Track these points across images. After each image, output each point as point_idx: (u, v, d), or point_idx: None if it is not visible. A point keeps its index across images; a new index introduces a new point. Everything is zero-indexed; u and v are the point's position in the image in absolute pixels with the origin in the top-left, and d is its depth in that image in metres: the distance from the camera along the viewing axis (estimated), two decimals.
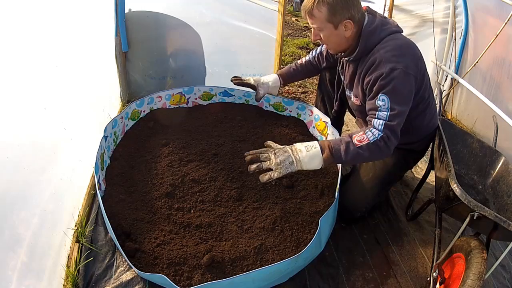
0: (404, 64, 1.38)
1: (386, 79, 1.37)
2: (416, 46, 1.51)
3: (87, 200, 1.65)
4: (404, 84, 1.38)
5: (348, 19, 1.42)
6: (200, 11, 2.51)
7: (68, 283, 1.28)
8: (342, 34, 1.47)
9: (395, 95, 1.37)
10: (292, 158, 1.31)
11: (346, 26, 1.44)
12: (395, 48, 1.42)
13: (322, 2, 1.40)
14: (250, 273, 1.22)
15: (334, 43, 1.52)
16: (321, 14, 1.41)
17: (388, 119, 1.37)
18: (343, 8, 1.40)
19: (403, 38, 1.49)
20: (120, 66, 2.40)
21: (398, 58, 1.39)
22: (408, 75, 1.39)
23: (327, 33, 1.47)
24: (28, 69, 1.40)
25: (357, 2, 1.44)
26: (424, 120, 1.61)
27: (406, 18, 2.84)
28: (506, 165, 1.50)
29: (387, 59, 1.40)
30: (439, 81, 2.80)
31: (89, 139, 1.81)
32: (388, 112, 1.37)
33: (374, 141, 1.35)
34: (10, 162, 1.18)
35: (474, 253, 1.21)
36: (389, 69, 1.37)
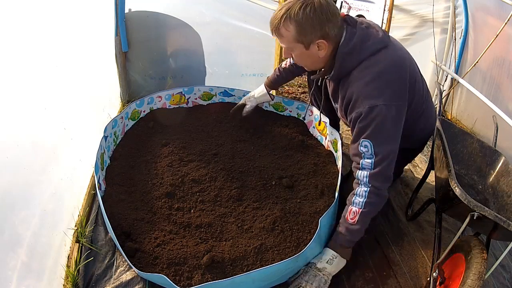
0: (385, 96, 1.22)
1: (366, 120, 1.23)
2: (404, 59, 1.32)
3: (87, 200, 1.65)
4: (387, 121, 1.23)
5: (320, 38, 1.23)
6: (200, 11, 2.50)
7: (68, 283, 1.28)
8: (316, 54, 1.29)
9: (378, 137, 1.24)
10: (324, 278, 1.32)
11: (319, 46, 1.26)
12: (373, 78, 1.24)
13: (289, 20, 1.21)
14: (250, 273, 1.22)
15: (307, 62, 1.37)
16: (289, 33, 1.24)
17: (373, 167, 1.25)
18: (313, 26, 1.21)
19: (384, 60, 1.27)
20: (120, 66, 2.40)
21: (377, 91, 1.23)
22: (391, 108, 1.23)
23: (298, 53, 1.31)
24: (28, 69, 1.40)
25: (332, 16, 1.22)
26: (420, 124, 1.54)
27: (406, 18, 2.83)
28: (506, 165, 1.50)
29: (364, 94, 1.24)
30: (439, 81, 2.80)
31: (89, 139, 1.81)
32: (372, 159, 1.25)
33: (364, 204, 1.27)
34: (10, 162, 1.18)
35: (474, 253, 1.21)
36: (368, 108, 1.22)
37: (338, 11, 1.26)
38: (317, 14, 1.19)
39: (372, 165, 1.25)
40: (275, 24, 1.25)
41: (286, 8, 1.22)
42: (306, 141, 2.05)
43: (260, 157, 1.91)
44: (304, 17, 1.19)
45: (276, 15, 1.24)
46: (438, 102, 1.80)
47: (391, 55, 1.29)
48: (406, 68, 1.31)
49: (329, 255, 1.35)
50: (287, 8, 1.21)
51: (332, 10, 1.22)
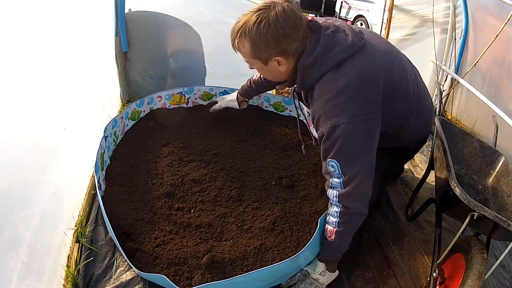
0: (348, 114, 1.12)
1: (329, 141, 1.16)
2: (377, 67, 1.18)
3: (87, 200, 1.65)
4: (353, 139, 1.15)
5: (278, 55, 1.15)
6: (200, 11, 2.50)
7: (68, 283, 1.28)
8: (276, 69, 1.21)
9: (344, 157, 1.16)
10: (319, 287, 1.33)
11: (278, 62, 1.18)
12: (335, 94, 1.14)
13: (244, 36, 1.14)
14: (250, 274, 1.22)
15: (269, 76, 1.31)
16: (245, 50, 1.18)
17: (343, 187, 1.19)
18: (268, 44, 1.12)
19: (349, 71, 1.15)
20: (120, 66, 2.40)
21: (339, 109, 1.13)
22: (356, 125, 1.13)
23: (258, 67, 1.25)
24: (28, 69, 1.40)
25: (291, 29, 1.11)
26: (409, 126, 1.42)
27: (406, 18, 2.84)
28: (506, 165, 1.49)
29: (326, 113, 1.16)
30: (439, 81, 2.80)
31: (89, 139, 1.81)
32: (341, 179, 1.18)
33: (337, 223, 1.24)
34: (10, 162, 1.18)
35: (474, 253, 1.21)
36: (330, 128, 1.14)
37: (300, 21, 1.13)
38: (271, 31, 1.10)
39: (341, 184, 1.19)
40: (232, 38, 1.19)
41: (242, 22, 1.14)
42: (306, 141, 2.05)
43: (260, 157, 1.91)
44: (257, 34, 1.11)
45: (234, 29, 1.17)
46: (438, 102, 1.80)
47: (359, 64, 1.16)
48: (378, 77, 1.18)
49: (321, 267, 1.35)
50: (243, 22, 1.14)
51: (291, 24, 1.11)
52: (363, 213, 1.24)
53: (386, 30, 2.78)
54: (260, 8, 1.13)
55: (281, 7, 1.11)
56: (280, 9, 1.11)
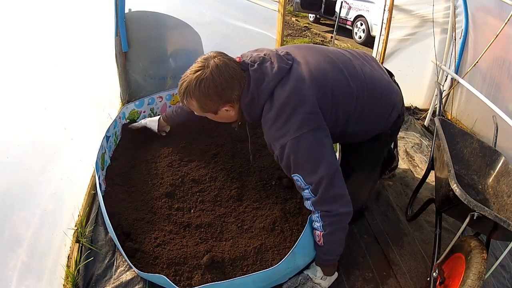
0: (290, 131, 1.20)
1: (284, 160, 1.23)
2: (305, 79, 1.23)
3: (87, 200, 1.65)
4: (303, 151, 1.21)
5: (223, 104, 1.25)
6: (200, 11, 2.51)
7: (68, 283, 1.28)
8: (226, 115, 1.31)
9: (301, 169, 1.22)
10: None
11: (227, 109, 1.27)
12: (274, 120, 1.22)
13: (189, 96, 1.23)
14: (249, 276, 1.22)
15: (223, 121, 1.38)
16: (194, 107, 1.27)
17: (313, 195, 1.24)
18: (212, 99, 1.22)
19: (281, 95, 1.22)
20: (120, 66, 2.40)
21: (281, 131, 1.21)
22: (302, 138, 1.19)
23: (211, 117, 1.34)
24: (29, 69, 1.40)
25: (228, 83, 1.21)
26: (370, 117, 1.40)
27: (406, 18, 2.84)
28: (506, 165, 1.49)
29: (272, 138, 1.25)
30: (439, 81, 2.80)
31: (89, 139, 1.81)
32: (308, 189, 1.24)
33: (322, 227, 1.26)
34: (11, 162, 1.18)
35: (474, 253, 1.21)
36: (280, 149, 1.22)
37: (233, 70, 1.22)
38: (212, 88, 1.20)
39: (310, 194, 1.24)
40: (180, 99, 1.28)
41: (185, 85, 1.23)
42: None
43: (260, 157, 1.91)
44: (200, 93, 1.21)
45: (179, 91, 1.26)
46: (438, 102, 1.80)
47: (288, 87, 1.23)
48: (308, 91, 1.23)
49: (321, 272, 1.36)
50: (186, 84, 1.22)
51: (226, 76, 1.21)
52: (344, 212, 1.26)
53: (386, 30, 2.78)
54: (197, 69, 1.22)
55: (214, 64, 1.21)
56: (214, 66, 1.20)
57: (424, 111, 2.98)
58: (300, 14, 9.11)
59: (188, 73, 1.25)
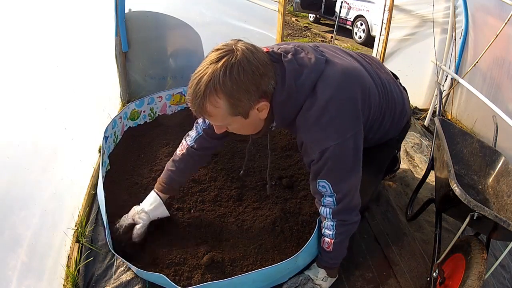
0: (333, 135, 1.06)
1: (319, 163, 1.11)
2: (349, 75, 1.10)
3: (87, 200, 1.65)
4: (342, 158, 1.11)
5: (260, 99, 0.99)
6: (200, 11, 2.51)
7: (68, 283, 1.28)
8: (256, 118, 1.05)
9: (334, 176, 1.13)
10: None
11: (259, 108, 1.02)
12: (316, 120, 1.06)
13: (215, 93, 0.93)
14: (250, 274, 1.22)
15: (249, 131, 1.14)
16: (220, 110, 0.97)
17: (336, 204, 1.17)
18: (248, 92, 0.95)
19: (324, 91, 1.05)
20: (120, 66, 2.40)
21: (323, 133, 1.07)
22: (343, 143, 1.08)
23: (237, 126, 1.08)
24: (29, 69, 1.40)
25: (265, 68, 0.97)
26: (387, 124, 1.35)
27: (406, 18, 2.84)
28: (506, 165, 1.49)
29: (312, 140, 1.09)
30: (439, 81, 2.80)
31: (89, 139, 1.81)
32: (333, 197, 1.16)
33: (334, 235, 1.23)
34: (11, 162, 1.18)
35: (474, 253, 1.21)
36: (319, 153, 1.09)
37: (265, 55, 1.00)
38: (248, 74, 0.93)
39: (334, 202, 1.17)
40: (198, 103, 0.95)
41: (207, 78, 0.92)
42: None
43: (260, 157, 1.91)
44: (233, 83, 0.92)
45: (196, 90, 0.94)
46: (438, 102, 1.80)
47: (332, 81, 1.06)
48: (354, 87, 1.10)
49: (323, 273, 1.34)
50: (209, 77, 0.92)
51: (261, 60, 0.97)
52: (356, 221, 1.24)
53: (386, 30, 2.78)
54: (220, 56, 0.94)
55: (243, 46, 0.96)
56: (243, 48, 0.95)
57: (424, 111, 2.99)
58: (300, 14, 9.11)
59: (206, 64, 0.94)
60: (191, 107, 0.98)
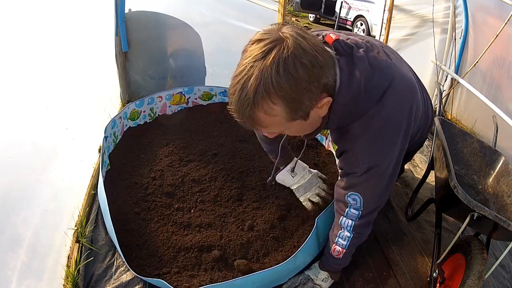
0: (386, 154, 1.00)
1: (361, 178, 1.05)
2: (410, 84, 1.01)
3: (87, 200, 1.65)
4: (385, 178, 1.06)
5: (321, 95, 0.85)
6: (200, 11, 2.51)
7: (68, 283, 1.28)
8: (316, 117, 0.92)
9: (371, 193, 1.09)
10: None
11: (320, 106, 0.87)
12: (378, 137, 0.97)
13: (269, 98, 0.77)
14: (249, 276, 1.22)
15: (306, 131, 1.01)
16: (277, 118, 0.82)
17: (359, 218, 1.15)
18: (309, 89, 0.79)
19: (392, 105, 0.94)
20: (120, 66, 2.40)
21: (381, 154, 1.00)
22: (391, 162, 1.03)
23: (295, 130, 0.94)
24: (30, 69, 1.40)
25: (323, 57, 0.81)
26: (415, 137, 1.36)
27: (406, 18, 2.84)
28: (506, 165, 1.49)
29: (365, 154, 1.00)
30: (439, 81, 2.80)
31: (90, 139, 1.81)
32: (359, 211, 1.13)
33: (348, 246, 1.23)
34: (13, 162, 1.18)
35: (474, 253, 1.21)
36: (366, 168, 1.02)
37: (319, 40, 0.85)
38: (307, 66, 0.77)
39: (358, 216, 1.15)
40: (248, 114, 0.80)
41: (255, 81, 0.75)
42: (306, 141, 2.05)
43: (260, 157, 1.90)
44: (290, 82, 0.76)
45: (242, 98, 0.77)
46: (438, 102, 1.80)
47: (398, 93, 0.95)
48: (413, 99, 1.01)
49: (324, 274, 1.35)
50: (257, 79, 0.75)
51: (315, 43, 0.81)
52: (368, 233, 1.25)
53: (386, 30, 2.78)
54: (267, 48, 0.75)
55: (291, 31, 0.79)
56: (294, 34, 0.78)
57: None
58: (300, 14, 9.11)
59: (249, 62, 0.76)
60: (238, 118, 0.82)
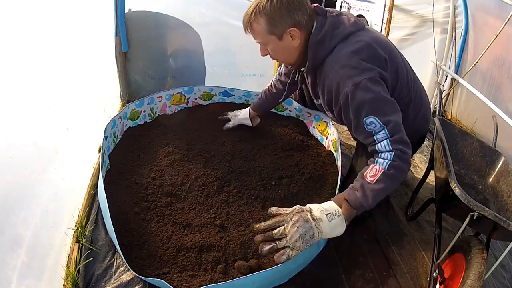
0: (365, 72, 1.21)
1: (356, 99, 1.21)
2: (380, 41, 1.31)
3: (87, 200, 1.65)
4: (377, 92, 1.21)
5: (292, 26, 1.26)
6: (200, 11, 2.51)
7: (68, 283, 1.28)
8: (290, 45, 1.31)
9: (377, 109, 1.20)
10: (313, 230, 1.14)
11: (292, 35, 1.28)
12: (348, 58, 1.23)
13: (259, 13, 1.26)
14: (250, 276, 1.22)
15: (283, 55, 1.37)
16: (260, 27, 1.28)
17: (390, 135, 1.20)
18: (283, 16, 1.24)
19: (357, 41, 1.26)
20: (120, 66, 2.40)
21: (356, 69, 1.21)
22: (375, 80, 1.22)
23: (273, 47, 1.33)
24: (31, 69, 1.41)
25: (301, 5, 1.25)
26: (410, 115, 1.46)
27: (406, 18, 2.84)
28: (506, 165, 1.50)
29: (344, 76, 1.23)
30: (439, 81, 2.80)
31: (90, 139, 1.81)
32: (385, 129, 1.20)
33: (388, 165, 1.17)
34: (13, 162, 1.18)
35: (474, 253, 1.21)
36: (352, 87, 1.20)
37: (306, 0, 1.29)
38: (284, 4, 1.24)
39: (387, 134, 1.20)
40: (247, 20, 1.31)
41: (255, 4, 1.28)
42: (306, 141, 2.05)
43: (260, 157, 1.90)
44: (272, 8, 1.24)
45: (247, 12, 1.31)
46: (438, 102, 1.80)
47: (364, 37, 1.28)
48: (383, 49, 1.29)
49: (332, 208, 1.18)
50: (256, 3, 1.28)
51: None
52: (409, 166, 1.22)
53: (386, 30, 2.78)
54: None
55: None
56: None
57: None
58: None
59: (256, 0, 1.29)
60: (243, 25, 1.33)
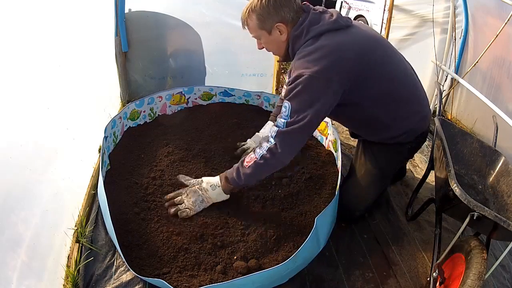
0: (315, 68, 1.29)
1: (291, 85, 1.35)
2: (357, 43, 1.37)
3: (87, 200, 1.65)
4: (308, 90, 1.31)
5: (278, 22, 1.40)
6: (200, 11, 2.51)
7: (68, 283, 1.28)
8: (278, 39, 1.45)
9: (296, 101, 1.33)
10: (202, 197, 1.52)
11: (280, 30, 1.42)
12: (309, 52, 1.34)
13: (251, 11, 1.41)
14: (249, 276, 1.22)
15: (274, 48, 1.52)
16: (253, 23, 1.43)
17: (284, 126, 1.34)
18: (270, 13, 1.39)
19: (327, 39, 1.35)
20: (120, 66, 2.40)
21: (308, 63, 1.32)
22: (317, 79, 1.30)
23: (264, 40, 1.48)
24: (31, 69, 1.40)
25: (288, 2, 1.39)
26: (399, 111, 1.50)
27: (406, 18, 2.84)
28: (506, 165, 1.49)
29: (297, 66, 1.36)
30: (439, 81, 2.80)
31: (90, 139, 1.81)
32: (286, 120, 1.34)
33: (261, 156, 1.38)
34: (13, 162, 1.18)
35: (474, 253, 1.21)
36: (295, 76, 1.34)
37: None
38: (271, 2, 1.38)
39: (284, 124, 1.34)
40: (243, 18, 1.47)
41: (249, 3, 1.43)
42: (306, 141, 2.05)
43: None
44: (261, 6, 1.39)
45: (243, 10, 1.46)
46: (438, 102, 1.80)
47: (337, 37, 1.35)
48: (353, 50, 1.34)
49: (215, 181, 1.52)
50: (250, 2, 1.43)
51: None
52: (283, 162, 1.40)
53: (386, 30, 2.78)
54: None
55: None
56: None
57: None
58: None
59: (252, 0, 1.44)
60: (241, 21, 1.48)
